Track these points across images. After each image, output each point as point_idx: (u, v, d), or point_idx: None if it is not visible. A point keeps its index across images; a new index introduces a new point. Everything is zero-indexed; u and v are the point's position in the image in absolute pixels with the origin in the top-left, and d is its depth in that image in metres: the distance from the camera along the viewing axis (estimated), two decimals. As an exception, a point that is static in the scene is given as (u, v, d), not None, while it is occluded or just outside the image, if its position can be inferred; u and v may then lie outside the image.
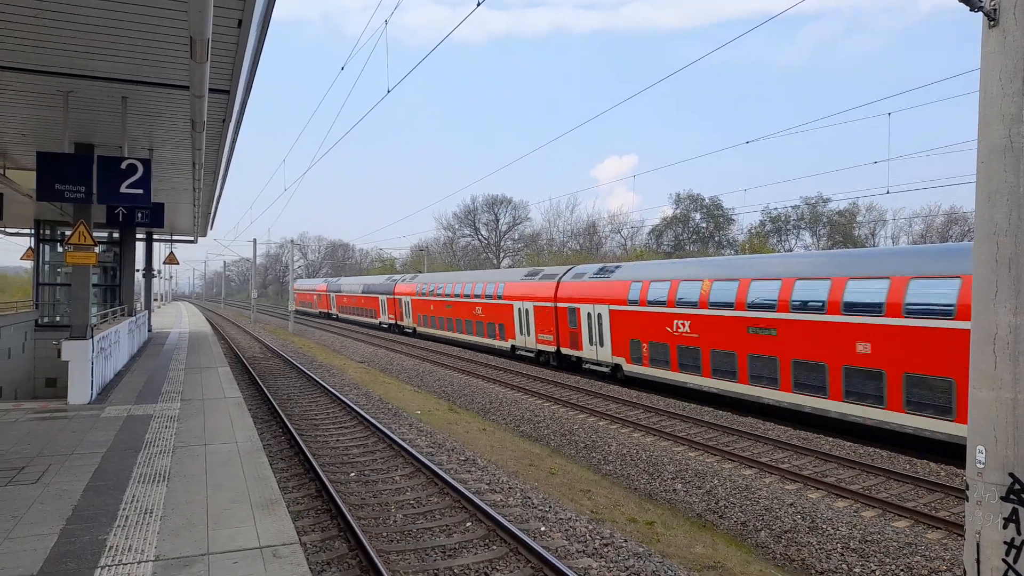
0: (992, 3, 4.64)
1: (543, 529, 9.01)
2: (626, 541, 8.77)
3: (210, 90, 7.92)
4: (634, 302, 22.21)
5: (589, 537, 8.84)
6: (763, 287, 17.65)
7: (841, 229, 57.03)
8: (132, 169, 10.29)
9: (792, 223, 60.53)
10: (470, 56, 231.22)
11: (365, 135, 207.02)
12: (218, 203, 23.08)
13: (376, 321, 51.86)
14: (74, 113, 9.90)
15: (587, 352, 25.07)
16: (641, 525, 10.02)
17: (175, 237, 32.84)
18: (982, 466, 4.69)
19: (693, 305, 19.67)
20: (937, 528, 9.99)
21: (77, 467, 7.63)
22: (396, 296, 46.56)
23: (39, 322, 20.82)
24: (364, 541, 7.92)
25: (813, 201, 58.30)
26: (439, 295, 38.58)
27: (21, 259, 27.31)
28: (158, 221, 18.17)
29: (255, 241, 57.96)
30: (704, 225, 64.51)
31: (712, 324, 19.04)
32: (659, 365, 21.18)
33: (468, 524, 9.02)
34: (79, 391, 11.65)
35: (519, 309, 29.62)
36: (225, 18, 6.49)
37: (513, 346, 30.46)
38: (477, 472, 11.85)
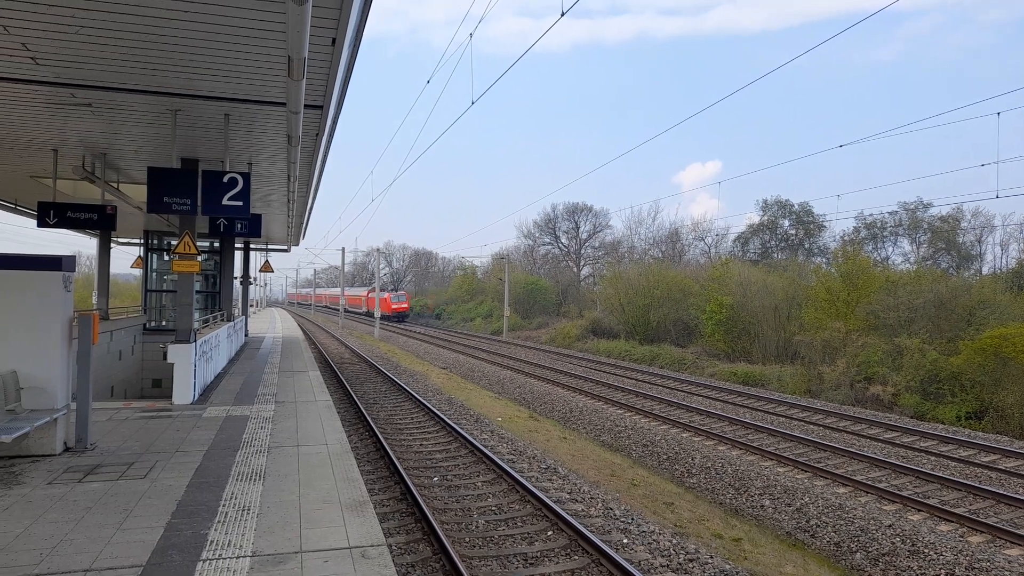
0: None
1: (625, 541, 8.89)
2: (712, 557, 8.54)
3: (305, 106, 8.26)
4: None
5: (673, 551, 8.65)
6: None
7: (943, 236, 53.32)
8: (233, 182, 10.79)
9: (889, 229, 57.13)
10: (553, 64, 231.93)
11: (448, 145, 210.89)
12: (310, 213, 24.03)
13: None
14: (181, 130, 10.53)
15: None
16: (727, 541, 9.75)
17: (270, 246, 34.36)
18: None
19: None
20: (1055, 558, 9.26)
21: (181, 464, 8.07)
22: None
23: (146, 326, 22.18)
24: (447, 545, 8.03)
25: (912, 206, 54.82)
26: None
27: (131, 267, 29.15)
28: (256, 231, 19.04)
29: (343, 250, 60.03)
30: (793, 232, 62.02)
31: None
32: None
33: (549, 533, 9.00)
34: (183, 392, 12.30)
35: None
36: (320, 37, 6.77)
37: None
38: (558, 481, 11.81)
